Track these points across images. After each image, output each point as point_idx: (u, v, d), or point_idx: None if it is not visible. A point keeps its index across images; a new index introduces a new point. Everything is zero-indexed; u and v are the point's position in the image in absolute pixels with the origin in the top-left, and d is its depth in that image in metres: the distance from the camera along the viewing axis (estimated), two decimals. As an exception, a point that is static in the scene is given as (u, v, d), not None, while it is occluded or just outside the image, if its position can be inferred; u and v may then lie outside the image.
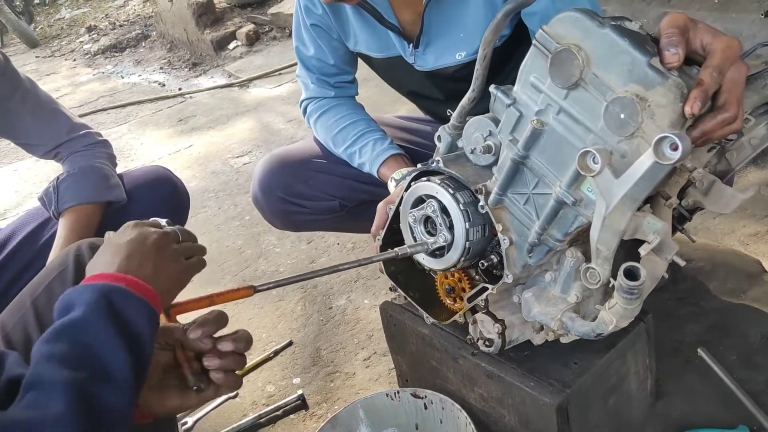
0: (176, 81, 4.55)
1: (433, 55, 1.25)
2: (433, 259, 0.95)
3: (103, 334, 0.64)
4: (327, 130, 1.42)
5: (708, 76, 0.69)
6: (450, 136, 0.98)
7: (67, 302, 0.67)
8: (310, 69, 1.43)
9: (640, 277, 0.71)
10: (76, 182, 1.34)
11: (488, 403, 1.02)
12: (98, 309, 0.65)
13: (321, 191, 1.41)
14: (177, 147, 3.35)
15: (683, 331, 1.19)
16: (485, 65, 0.89)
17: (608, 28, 0.71)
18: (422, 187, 0.94)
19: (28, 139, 1.41)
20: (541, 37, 0.77)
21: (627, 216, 0.73)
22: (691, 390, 1.08)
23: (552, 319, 0.86)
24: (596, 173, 0.71)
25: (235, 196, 2.60)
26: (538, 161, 0.81)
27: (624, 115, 0.71)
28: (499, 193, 0.86)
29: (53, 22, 7.80)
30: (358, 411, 1.11)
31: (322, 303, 1.75)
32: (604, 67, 0.72)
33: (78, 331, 0.64)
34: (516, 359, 0.98)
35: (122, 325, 0.66)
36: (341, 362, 1.50)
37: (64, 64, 5.92)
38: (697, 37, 0.72)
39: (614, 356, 0.96)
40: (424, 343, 1.10)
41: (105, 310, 0.65)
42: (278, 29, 4.68)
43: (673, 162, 0.65)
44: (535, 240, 0.84)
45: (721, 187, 0.84)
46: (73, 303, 0.66)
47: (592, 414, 0.96)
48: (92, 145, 1.41)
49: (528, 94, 0.81)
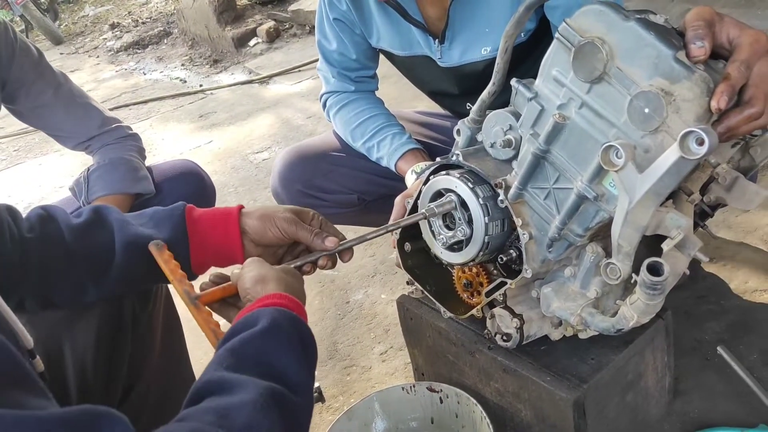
0: (197, 77, 4.59)
1: (458, 51, 1.26)
2: (452, 253, 0.95)
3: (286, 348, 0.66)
4: (346, 124, 1.43)
5: (735, 70, 0.68)
6: (469, 130, 0.98)
7: (253, 317, 0.68)
8: (332, 63, 1.44)
9: (664, 273, 0.71)
10: (107, 173, 1.37)
11: (504, 398, 1.02)
12: (276, 324, 0.67)
13: (340, 185, 1.42)
14: (198, 142, 3.39)
15: (702, 330, 1.18)
16: (506, 59, 0.89)
17: (633, 21, 0.71)
18: (441, 180, 0.94)
19: (61, 131, 1.45)
20: (565, 31, 0.77)
21: (650, 211, 0.73)
22: (710, 388, 1.07)
23: (571, 315, 0.86)
24: (620, 168, 0.71)
25: (254, 191, 2.62)
26: (559, 156, 0.81)
27: (648, 109, 0.70)
28: (520, 187, 0.86)
29: (77, 20, 7.92)
30: (374, 404, 1.12)
31: (339, 297, 1.76)
32: (628, 61, 0.72)
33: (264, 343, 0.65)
34: (533, 354, 0.97)
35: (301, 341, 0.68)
36: (358, 356, 1.50)
37: (88, 60, 6.01)
38: (724, 30, 0.71)
39: (632, 352, 0.96)
40: (440, 337, 1.10)
41: (284, 327, 0.67)
42: (298, 26, 4.70)
43: (699, 157, 0.65)
44: (555, 235, 0.84)
45: (744, 183, 0.83)
46: (257, 319, 0.68)
47: (609, 410, 0.96)
48: (123, 138, 1.45)
49: (550, 88, 0.81)
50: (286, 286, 0.74)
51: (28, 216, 0.84)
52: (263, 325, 0.65)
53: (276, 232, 0.87)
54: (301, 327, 0.69)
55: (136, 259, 0.83)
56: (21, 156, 3.84)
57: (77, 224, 0.84)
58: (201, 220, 0.88)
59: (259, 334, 0.65)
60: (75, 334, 0.88)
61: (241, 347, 0.64)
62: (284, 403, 0.60)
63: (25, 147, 3.93)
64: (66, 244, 0.82)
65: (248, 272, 0.76)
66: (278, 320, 0.66)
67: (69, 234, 0.82)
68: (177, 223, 0.86)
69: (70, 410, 0.47)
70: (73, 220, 0.84)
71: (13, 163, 3.76)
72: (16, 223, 0.81)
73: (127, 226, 0.85)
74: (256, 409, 0.57)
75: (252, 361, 0.63)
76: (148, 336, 0.99)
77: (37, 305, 0.83)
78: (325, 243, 0.86)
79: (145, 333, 0.98)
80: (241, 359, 0.63)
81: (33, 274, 0.80)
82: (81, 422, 0.47)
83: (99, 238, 0.84)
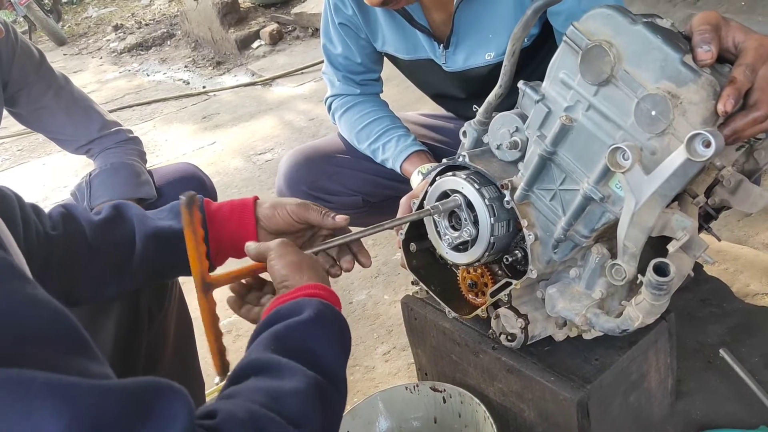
0: (200, 79, 4.61)
1: (462, 56, 1.26)
2: (457, 253, 0.96)
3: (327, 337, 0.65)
4: (351, 127, 1.44)
5: (741, 73, 0.69)
6: (476, 132, 0.99)
7: (297, 306, 0.67)
8: (337, 67, 1.45)
9: (670, 273, 0.72)
10: (109, 178, 1.37)
11: (508, 398, 1.02)
12: (322, 316, 0.66)
13: (345, 186, 1.42)
14: (201, 144, 3.40)
15: (705, 332, 1.19)
16: (513, 61, 0.90)
17: (640, 25, 0.72)
18: (447, 181, 0.95)
19: (62, 134, 1.45)
20: (572, 34, 0.78)
21: (656, 213, 0.73)
22: (712, 390, 1.08)
23: (576, 315, 0.87)
24: (626, 169, 0.72)
25: (257, 192, 2.63)
26: (565, 157, 0.82)
27: (655, 112, 0.71)
28: (526, 188, 0.87)
29: (81, 21, 7.95)
30: (378, 403, 1.12)
31: (342, 298, 1.75)
32: (635, 64, 0.73)
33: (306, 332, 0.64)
34: (536, 354, 0.98)
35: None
36: (361, 356, 1.51)
37: (91, 62, 6.02)
38: (730, 34, 0.72)
39: (635, 353, 0.97)
40: (444, 337, 1.11)
41: (329, 320, 0.67)
42: (301, 29, 4.72)
43: (705, 159, 0.66)
44: (560, 236, 0.85)
45: (748, 186, 0.84)
46: (302, 307, 0.67)
47: (612, 410, 0.97)
48: (123, 142, 1.45)
49: (557, 90, 0.82)
50: (319, 275, 0.73)
51: (50, 213, 0.84)
52: (309, 315, 0.64)
53: (285, 216, 0.87)
54: (342, 321, 0.68)
55: (156, 251, 0.84)
56: (25, 156, 3.85)
57: (98, 221, 0.84)
58: (219, 211, 0.88)
59: (306, 324, 0.63)
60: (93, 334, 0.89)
61: (288, 334, 0.62)
62: (328, 396, 0.59)
63: (29, 147, 3.94)
64: (88, 241, 0.83)
65: (283, 256, 0.73)
66: (324, 313, 0.65)
67: (90, 231, 0.83)
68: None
69: (135, 381, 0.47)
70: (93, 217, 0.85)
71: (17, 162, 3.77)
72: (41, 221, 0.81)
73: (147, 220, 0.85)
74: (307, 400, 0.56)
75: (298, 349, 0.61)
76: (162, 335, 1.00)
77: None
78: (336, 220, 0.86)
79: (159, 332, 0.99)
80: (288, 346, 0.61)
81: (56, 271, 0.80)
82: (143, 394, 0.46)
83: (120, 233, 0.84)
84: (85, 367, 0.47)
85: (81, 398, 0.43)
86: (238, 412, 0.52)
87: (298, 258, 0.74)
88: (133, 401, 0.45)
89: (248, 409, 0.53)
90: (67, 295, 0.83)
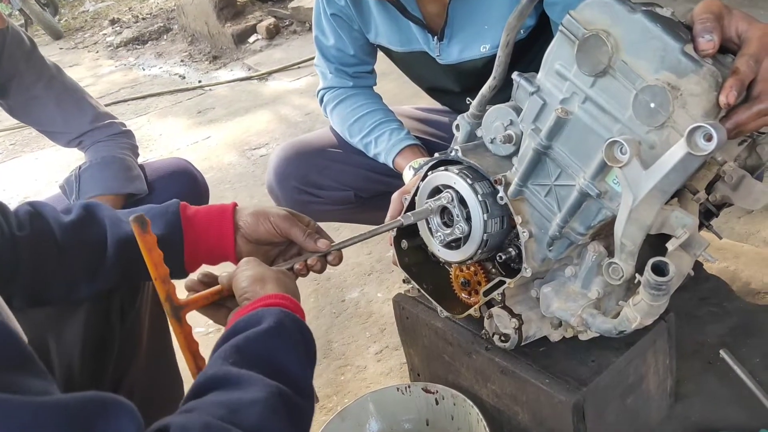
0: (196, 73, 4.57)
1: (457, 48, 1.24)
2: (450, 251, 0.93)
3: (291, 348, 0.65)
4: (343, 120, 1.41)
5: (744, 64, 0.66)
6: (469, 125, 0.96)
7: (257, 316, 0.67)
8: (329, 59, 1.42)
9: (669, 273, 0.69)
10: (99, 172, 1.34)
11: (501, 400, 1.00)
12: (282, 325, 0.65)
13: (336, 181, 1.39)
14: (195, 138, 3.37)
15: (705, 332, 1.16)
16: (507, 52, 0.87)
17: (639, 13, 0.69)
18: (440, 176, 0.92)
19: (52, 126, 1.41)
20: (568, 23, 0.75)
21: (655, 209, 0.71)
22: (712, 392, 1.05)
23: (572, 315, 0.84)
24: (624, 164, 0.69)
25: (251, 187, 2.60)
26: (561, 151, 0.79)
27: (654, 104, 0.68)
28: (520, 184, 0.84)
29: (77, 15, 7.89)
30: (368, 404, 1.10)
31: (334, 295, 1.74)
32: (634, 54, 0.70)
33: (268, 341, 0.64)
34: (531, 355, 0.95)
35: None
36: (352, 355, 1.48)
37: (87, 55, 5.98)
38: (732, 24, 0.69)
39: (633, 355, 0.94)
40: (437, 336, 1.08)
41: (288, 328, 0.66)
42: (298, 23, 4.68)
43: (706, 153, 0.63)
44: (556, 233, 0.82)
45: (751, 182, 0.81)
46: (262, 318, 0.66)
47: (609, 413, 0.94)
48: (116, 135, 1.41)
49: (552, 82, 0.79)
50: (284, 287, 0.72)
51: (15, 212, 0.82)
52: (269, 325, 0.64)
53: (269, 227, 0.85)
54: (304, 329, 0.68)
55: (128, 255, 0.82)
56: (17, 150, 3.82)
57: (68, 222, 0.82)
58: (195, 217, 0.86)
59: (265, 334, 0.63)
60: (62, 331, 0.86)
61: (247, 345, 0.62)
62: (291, 404, 0.59)
63: (22, 141, 3.91)
64: (58, 242, 0.80)
65: (244, 271, 0.74)
66: (283, 321, 0.65)
67: (60, 231, 0.81)
68: (171, 221, 0.84)
69: (75, 397, 0.44)
70: (62, 217, 0.83)
71: (10, 157, 3.74)
72: (7, 221, 0.79)
73: (120, 224, 0.83)
74: (266, 409, 0.55)
75: (258, 359, 0.61)
76: (135, 332, 0.97)
77: (26, 303, 0.81)
78: (318, 244, 0.85)
79: (132, 329, 0.96)
80: (247, 357, 0.61)
81: (24, 272, 0.78)
82: (84, 411, 0.44)
83: (91, 236, 0.82)
84: (22, 383, 0.44)
85: (13, 416, 0.40)
86: (192, 426, 0.50)
87: (260, 271, 0.73)
88: (73, 419, 0.43)
89: (203, 422, 0.51)
90: (37, 296, 0.81)
